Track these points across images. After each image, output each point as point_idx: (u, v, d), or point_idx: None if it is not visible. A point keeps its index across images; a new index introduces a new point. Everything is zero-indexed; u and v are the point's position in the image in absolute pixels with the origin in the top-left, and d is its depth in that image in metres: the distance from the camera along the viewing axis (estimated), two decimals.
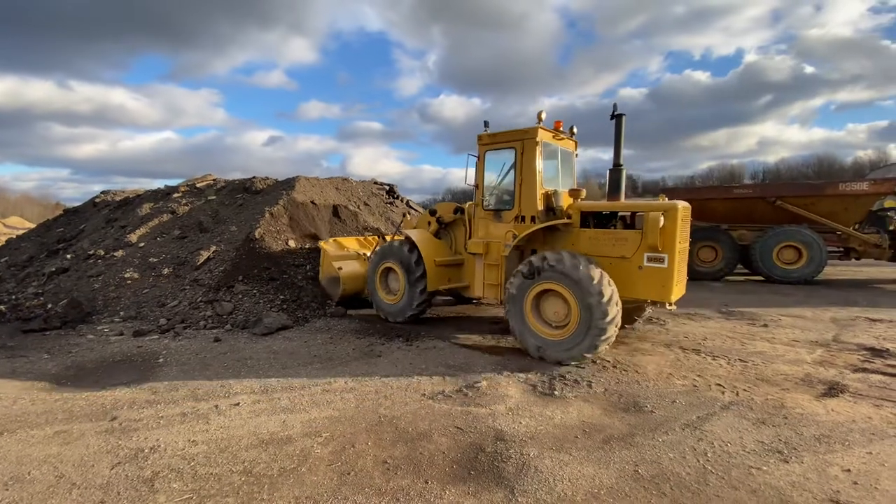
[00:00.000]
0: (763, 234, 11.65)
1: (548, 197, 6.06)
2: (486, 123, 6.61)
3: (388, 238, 8.63)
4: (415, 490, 2.90)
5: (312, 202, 10.97)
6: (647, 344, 6.10)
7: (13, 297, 8.85)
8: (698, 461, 3.20)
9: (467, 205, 7.20)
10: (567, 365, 5.20)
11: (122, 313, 7.89)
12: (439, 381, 4.78)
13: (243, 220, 10.03)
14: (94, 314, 7.91)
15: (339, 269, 8.29)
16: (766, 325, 7.11)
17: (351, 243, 9.40)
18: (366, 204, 12.68)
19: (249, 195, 11.45)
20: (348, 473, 3.10)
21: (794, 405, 4.10)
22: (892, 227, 11.44)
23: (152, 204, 11.96)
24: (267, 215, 9.79)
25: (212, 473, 3.12)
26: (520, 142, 6.15)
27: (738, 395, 4.37)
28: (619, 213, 5.92)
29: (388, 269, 7.50)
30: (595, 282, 5.04)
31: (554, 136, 6.49)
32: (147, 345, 6.33)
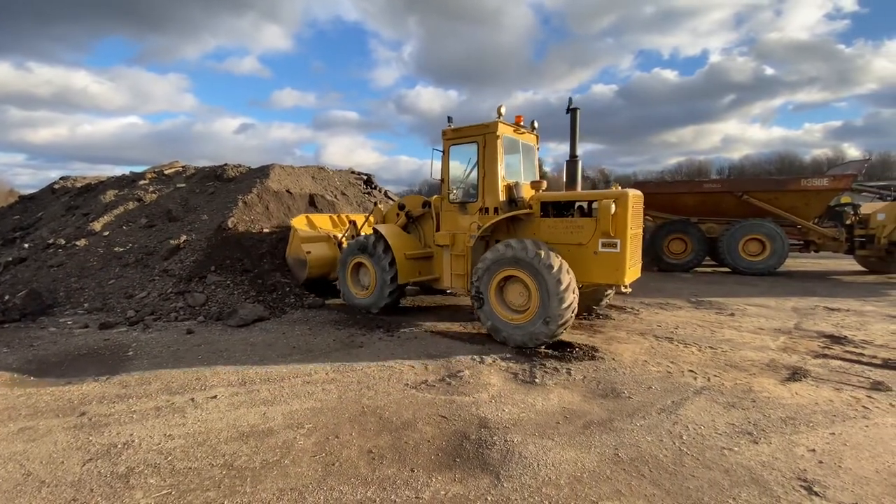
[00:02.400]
0: (730, 227, 12.10)
1: (510, 189, 6.21)
2: (449, 119, 6.72)
3: (358, 223, 8.61)
4: (401, 478, 2.91)
5: (288, 191, 10.72)
6: (623, 332, 6.27)
7: None
8: (674, 444, 3.32)
9: (433, 198, 7.28)
10: (531, 348, 5.43)
11: (86, 305, 7.55)
12: (422, 371, 4.79)
13: (215, 209, 9.71)
14: (56, 306, 7.55)
15: (308, 252, 8.21)
16: (733, 314, 7.41)
17: (324, 222, 9.32)
18: (343, 194, 12.48)
19: (221, 183, 11.09)
20: (333, 464, 3.07)
21: (761, 389, 4.29)
22: (848, 222, 12.07)
23: (117, 191, 11.44)
24: (240, 204, 9.51)
25: (191, 468, 3.04)
26: (481, 136, 6.31)
27: (709, 380, 4.55)
28: (577, 203, 6.13)
29: (359, 265, 7.50)
30: (553, 267, 5.27)
31: (515, 131, 6.66)
32: (115, 337, 6.08)
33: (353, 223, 8.60)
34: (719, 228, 12.49)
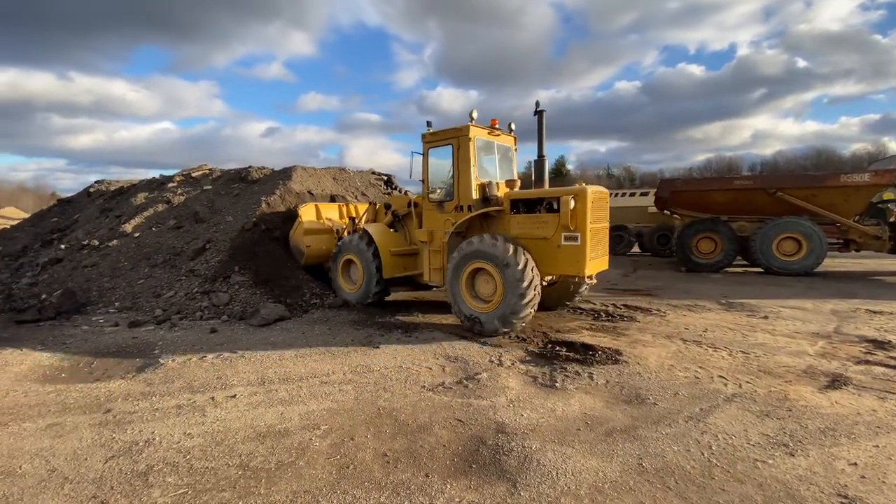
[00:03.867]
0: (763, 225, 11.60)
1: (483, 188, 6.58)
2: (428, 123, 7.09)
3: (360, 211, 9.36)
4: (415, 484, 2.85)
5: (309, 192, 10.84)
6: (648, 336, 6.05)
7: (8, 287, 8.74)
8: (703, 454, 3.15)
9: (416, 197, 7.76)
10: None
11: (117, 304, 7.80)
12: (439, 373, 4.72)
13: (239, 210, 9.90)
14: (89, 305, 7.82)
15: (308, 246, 8.74)
16: (766, 317, 7.08)
17: (332, 210, 9.71)
18: (363, 194, 12.55)
19: (245, 185, 11.30)
20: (347, 467, 3.04)
21: (798, 397, 4.05)
22: (892, 219, 11.39)
23: (147, 194, 11.80)
24: (263, 205, 9.66)
25: (208, 467, 3.06)
26: (455, 139, 6.67)
27: (740, 387, 4.33)
28: (546, 199, 6.31)
29: (349, 261, 8.00)
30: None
31: (489, 133, 6.99)
32: (142, 336, 6.24)
33: (353, 219, 9.08)
34: (751, 227, 11.99)
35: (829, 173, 12.15)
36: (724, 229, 12.16)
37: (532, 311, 5.88)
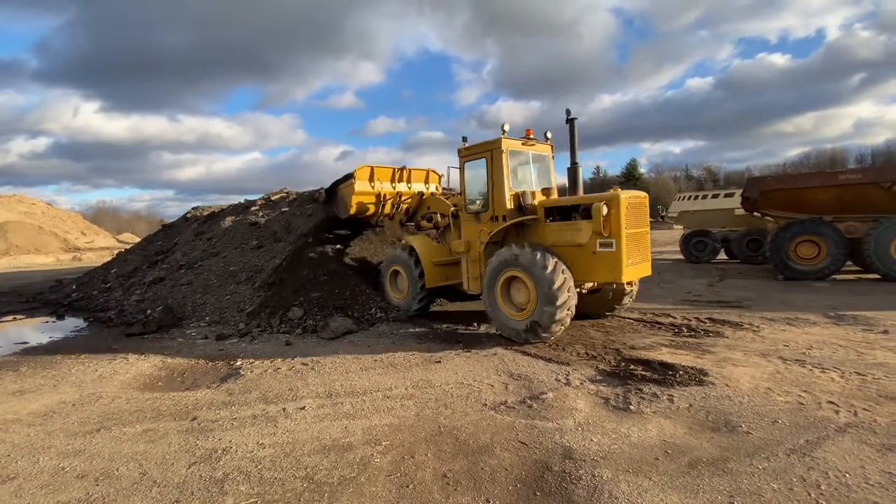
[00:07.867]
0: (878, 225, 10.08)
1: (517, 197, 6.73)
2: (464, 138, 7.32)
3: (413, 178, 10.25)
4: None
5: None
6: (739, 353, 5.43)
7: (120, 304, 9.94)
8: (809, 494, 2.71)
9: (453, 208, 8.00)
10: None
11: (207, 318, 8.53)
12: (501, 391, 4.57)
13: (312, 229, 10.47)
14: (185, 319, 8.63)
15: (352, 206, 9.49)
16: (886, 332, 6.07)
17: (385, 175, 10.06)
18: None
19: (318, 205, 11.95)
20: (406, 486, 3.00)
21: None
22: None
23: (233, 217, 12.90)
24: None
25: (276, 478, 3.17)
26: (489, 152, 6.86)
27: (856, 415, 3.70)
28: (581, 206, 6.24)
29: (396, 272, 8.45)
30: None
31: (524, 144, 7.10)
32: (227, 348, 6.75)
33: (399, 194, 9.79)
34: (863, 227, 10.47)
35: None
36: (829, 231, 10.72)
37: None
